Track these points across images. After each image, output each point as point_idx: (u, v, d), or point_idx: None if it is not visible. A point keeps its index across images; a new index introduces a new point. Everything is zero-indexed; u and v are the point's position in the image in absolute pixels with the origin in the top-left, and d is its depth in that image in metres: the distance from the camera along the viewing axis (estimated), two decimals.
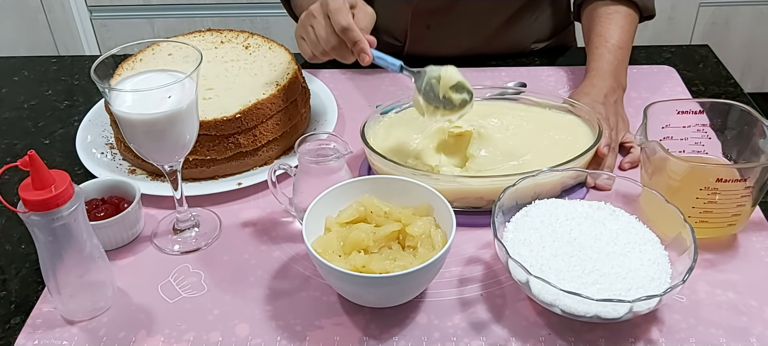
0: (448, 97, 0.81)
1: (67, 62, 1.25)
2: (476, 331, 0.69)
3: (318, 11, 0.87)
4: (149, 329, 0.70)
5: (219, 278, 0.76)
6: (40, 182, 0.62)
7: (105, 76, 0.71)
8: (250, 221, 0.84)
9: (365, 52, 0.84)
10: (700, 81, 1.11)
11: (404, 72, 0.84)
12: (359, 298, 0.70)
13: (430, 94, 0.81)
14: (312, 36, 0.87)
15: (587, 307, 0.63)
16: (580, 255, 0.69)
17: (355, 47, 0.84)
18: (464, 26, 1.16)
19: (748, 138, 0.79)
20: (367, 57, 0.84)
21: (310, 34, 0.87)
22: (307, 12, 0.89)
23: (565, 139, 0.88)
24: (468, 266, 0.76)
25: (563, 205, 0.76)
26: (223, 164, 0.89)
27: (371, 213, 0.73)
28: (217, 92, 0.91)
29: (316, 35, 0.87)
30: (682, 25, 2.32)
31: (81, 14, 2.32)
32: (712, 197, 0.72)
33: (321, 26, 0.86)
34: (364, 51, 0.84)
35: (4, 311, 0.73)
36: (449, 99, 0.81)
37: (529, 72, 1.14)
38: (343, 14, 0.84)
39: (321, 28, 0.86)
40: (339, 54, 0.87)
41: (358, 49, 0.84)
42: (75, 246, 0.67)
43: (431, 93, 0.81)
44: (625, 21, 1.03)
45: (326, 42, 0.86)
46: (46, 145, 1.01)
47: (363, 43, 0.84)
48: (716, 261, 0.76)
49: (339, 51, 0.87)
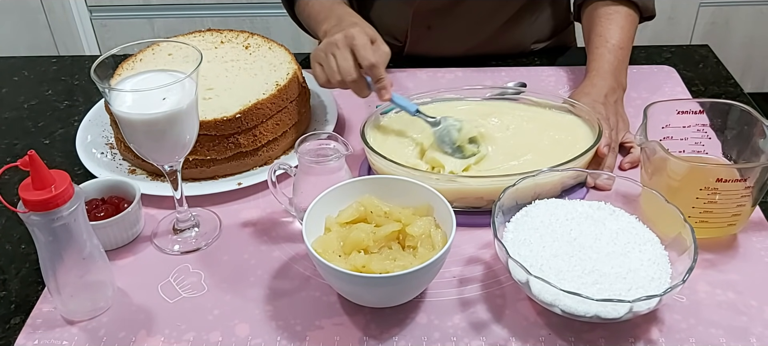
0: (461, 147, 0.87)
1: (67, 62, 1.25)
2: (476, 331, 0.69)
3: (342, 43, 0.87)
4: (149, 329, 0.70)
5: (219, 278, 0.76)
6: (40, 181, 0.62)
7: (105, 76, 0.71)
8: (250, 221, 0.84)
9: (387, 89, 0.88)
10: (700, 81, 1.11)
11: (419, 116, 0.89)
12: (359, 298, 0.70)
13: (445, 139, 0.87)
14: (333, 66, 0.88)
15: (587, 307, 0.63)
16: (580, 255, 0.69)
17: (378, 84, 0.87)
18: (465, 27, 1.16)
19: (748, 138, 0.79)
20: (387, 95, 0.88)
21: (332, 64, 0.88)
22: (329, 41, 0.89)
23: (565, 139, 0.88)
24: (468, 266, 0.76)
25: (563, 205, 0.76)
26: (223, 164, 0.89)
27: (371, 213, 0.73)
28: (217, 92, 0.91)
29: (338, 66, 0.87)
30: (682, 25, 2.32)
31: (81, 14, 2.32)
32: (712, 197, 0.72)
33: (344, 59, 0.87)
34: (385, 89, 0.87)
35: (4, 311, 0.73)
36: (461, 148, 0.87)
37: (529, 72, 1.14)
38: (369, 51, 0.86)
39: (343, 59, 0.87)
40: (356, 87, 0.89)
41: (380, 87, 0.87)
42: (75, 246, 0.67)
43: (446, 139, 0.87)
44: (625, 21, 1.03)
45: (347, 74, 0.87)
46: (46, 145, 1.01)
47: (386, 82, 0.87)
48: (716, 261, 0.76)
49: (357, 85, 0.88)
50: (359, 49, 0.86)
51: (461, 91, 0.97)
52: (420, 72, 1.13)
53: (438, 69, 1.14)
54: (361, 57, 0.86)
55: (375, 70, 0.86)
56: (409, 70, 1.14)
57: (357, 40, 0.86)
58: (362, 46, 0.86)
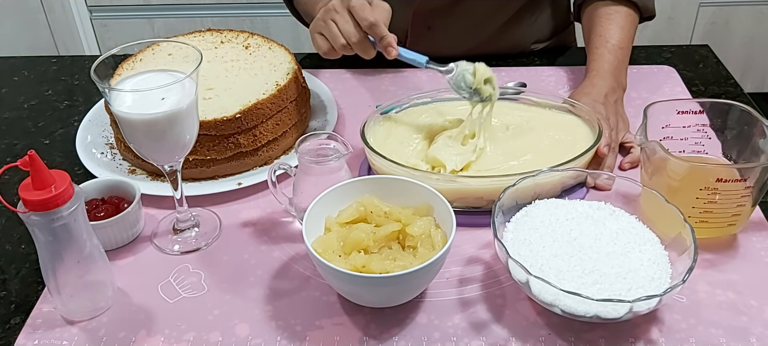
0: (478, 89, 0.86)
1: (67, 62, 1.25)
2: (476, 331, 0.69)
3: (340, 7, 0.87)
4: (149, 329, 0.70)
5: (219, 278, 0.76)
6: (40, 181, 0.62)
7: (105, 76, 0.71)
8: (250, 221, 0.84)
9: (392, 46, 0.86)
10: (700, 81, 1.11)
11: (430, 66, 0.88)
12: (359, 298, 0.70)
13: (461, 84, 0.87)
14: (334, 30, 0.87)
15: (587, 307, 0.63)
16: (580, 255, 0.69)
17: (382, 42, 0.86)
18: (465, 27, 1.16)
19: (748, 138, 0.79)
20: (393, 51, 0.86)
21: (332, 29, 0.87)
22: (325, 8, 0.89)
23: (565, 139, 0.88)
24: (468, 266, 0.76)
25: (563, 205, 0.76)
26: (223, 164, 0.89)
27: (371, 213, 0.73)
28: (217, 92, 0.91)
29: (340, 30, 0.87)
30: (682, 25, 2.32)
31: (81, 14, 2.32)
32: (712, 197, 0.72)
33: (344, 21, 0.86)
34: (390, 45, 0.86)
35: (4, 311, 0.73)
36: (479, 91, 0.86)
37: (529, 72, 1.14)
38: (367, 10, 0.85)
39: (344, 22, 0.86)
40: (361, 48, 0.88)
41: (384, 44, 0.86)
42: (75, 246, 0.67)
43: (462, 84, 0.87)
44: (625, 21, 1.03)
45: (349, 35, 0.86)
46: (46, 145, 1.01)
47: (390, 38, 0.86)
48: (716, 261, 0.76)
49: (362, 46, 0.87)
50: (357, 10, 0.85)
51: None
52: (420, 72, 1.13)
53: None
54: (359, 18, 0.85)
55: (375, 28, 0.85)
56: (409, 70, 1.14)
57: (354, 2, 0.85)
58: (359, 7, 0.85)
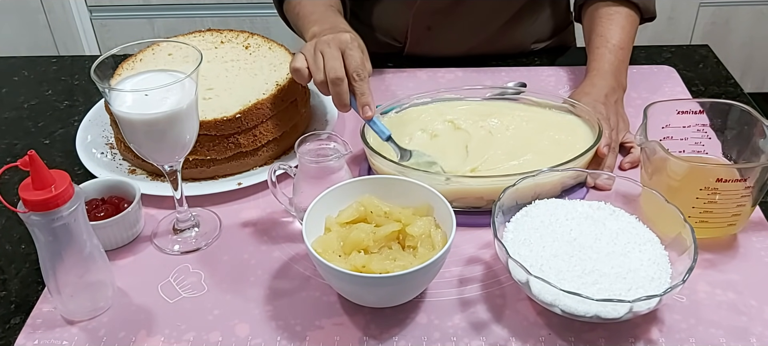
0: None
1: (67, 62, 1.25)
2: (476, 331, 0.69)
3: (333, 43, 0.85)
4: (149, 329, 0.70)
5: (219, 278, 0.76)
6: (40, 181, 0.62)
7: (105, 76, 0.71)
8: (250, 221, 0.84)
9: (370, 107, 0.84)
10: (700, 81, 1.11)
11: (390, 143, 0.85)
12: (359, 298, 0.70)
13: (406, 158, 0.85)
14: (319, 63, 0.85)
15: (587, 307, 0.63)
16: (580, 255, 0.69)
17: (362, 99, 0.84)
18: (465, 27, 1.16)
19: (748, 138, 0.79)
20: (370, 112, 0.84)
21: (319, 61, 0.85)
22: (320, 39, 0.87)
23: (565, 139, 0.88)
24: (468, 266, 0.76)
25: (563, 205, 0.76)
26: (223, 164, 0.89)
27: (371, 213, 0.73)
28: (217, 92, 0.91)
29: (325, 64, 0.84)
30: (682, 25, 2.32)
31: (81, 14, 2.32)
32: (712, 197, 0.72)
33: (333, 58, 0.84)
34: (369, 106, 0.84)
35: (4, 311, 0.73)
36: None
37: (529, 72, 1.14)
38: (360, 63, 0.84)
39: (332, 59, 0.84)
40: (338, 91, 0.84)
41: (363, 102, 0.84)
42: (75, 246, 0.67)
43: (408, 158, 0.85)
44: (625, 22, 1.03)
45: (333, 71, 0.83)
46: (46, 145, 1.01)
47: (370, 99, 0.84)
48: (716, 261, 0.76)
49: (340, 87, 0.84)
50: (348, 57, 0.84)
51: (461, 91, 0.97)
52: (420, 72, 1.13)
53: (438, 69, 1.14)
54: (349, 57, 0.84)
55: (358, 84, 0.83)
56: (409, 70, 1.14)
57: (349, 45, 0.84)
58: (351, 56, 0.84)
